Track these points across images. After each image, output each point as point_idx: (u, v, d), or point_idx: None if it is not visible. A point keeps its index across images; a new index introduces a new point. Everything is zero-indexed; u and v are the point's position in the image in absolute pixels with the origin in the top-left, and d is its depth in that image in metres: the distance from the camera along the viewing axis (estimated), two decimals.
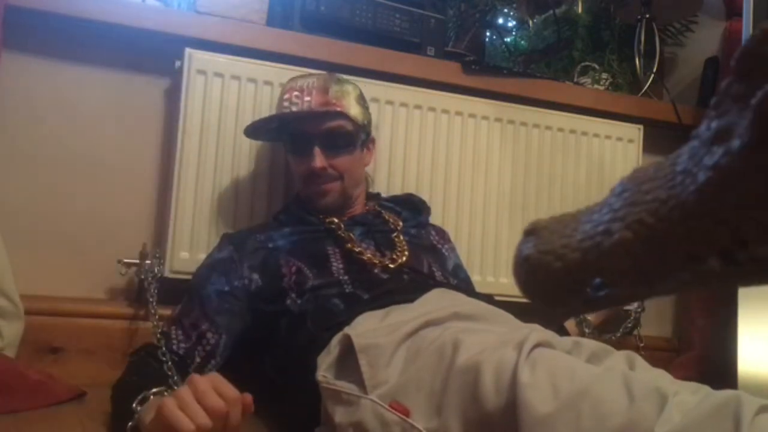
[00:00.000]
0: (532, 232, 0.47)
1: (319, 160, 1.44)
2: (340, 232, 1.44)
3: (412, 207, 1.64)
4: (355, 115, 1.50)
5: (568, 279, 0.43)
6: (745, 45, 0.37)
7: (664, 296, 0.38)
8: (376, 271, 1.40)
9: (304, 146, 1.46)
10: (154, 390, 1.08)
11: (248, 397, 0.95)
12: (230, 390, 0.94)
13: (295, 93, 1.47)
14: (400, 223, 1.55)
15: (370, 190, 1.69)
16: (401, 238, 1.50)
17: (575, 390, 0.85)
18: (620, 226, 0.40)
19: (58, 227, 1.63)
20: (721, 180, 0.36)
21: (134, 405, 1.06)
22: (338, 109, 1.46)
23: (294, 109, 1.46)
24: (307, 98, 1.46)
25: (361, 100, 1.55)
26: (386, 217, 1.55)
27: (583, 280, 0.42)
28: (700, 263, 0.38)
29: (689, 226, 0.37)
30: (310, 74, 1.54)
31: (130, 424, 1.04)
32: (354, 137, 1.51)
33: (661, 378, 0.96)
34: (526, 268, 0.45)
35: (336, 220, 1.46)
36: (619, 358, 1.03)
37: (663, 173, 0.40)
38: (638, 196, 0.41)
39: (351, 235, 1.45)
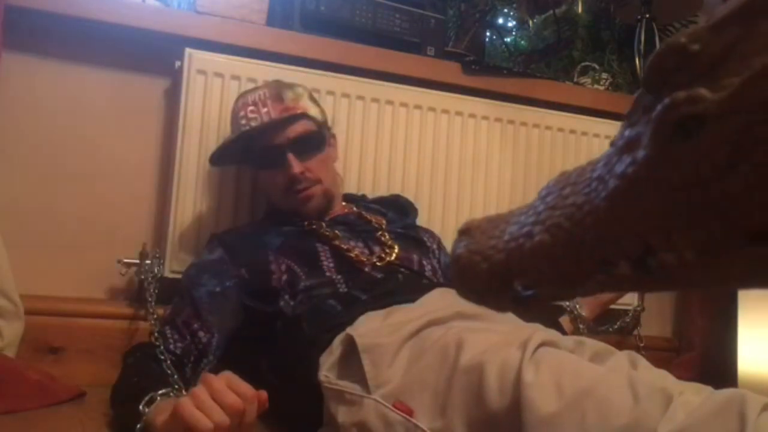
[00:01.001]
0: (465, 231, 0.49)
1: (296, 165, 1.42)
2: (323, 231, 1.44)
3: (399, 208, 1.64)
4: (315, 114, 1.49)
5: (494, 279, 0.44)
6: (651, 59, 0.38)
7: (587, 296, 0.40)
8: (367, 269, 1.40)
9: (276, 158, 1.44)
10: (162, 391, 1.08)
11: (263, 394, 0.96)
12: (245, 387, 0.96)
13: (250, 108, 1.45)
14: (384, 222, 1.54)
15: (344, 190, 1.68)
16: (387, 236, 1.50)
17: (580, 390, 0.85)
18: (540, 229, 0.42)
19: (58, 227, 1.63)
20: (627, 188, 0.37)
21: (141, 407, 1.05)
22: (299, 111, 1.45)
23: (254, 124, 1.44)
24: (264, 110, 1.44)
25: (313, 98, 1.54)
26: (368, 217, 1.55)
27: (507, 280, 0.44)
28: (613, 267, 0.39)
29: (600, 231, 0.39)
30: (257, 87, 1.52)
31: (138, 425, 1.04)
32: (320, 136, 1.49)
33: (665, 378, 0.96)
34: (457, 268, 0.47)
35: (315, 221, 1.46)
36: (621, 358, 1.03)
37: (582, 178, 0.42)
38: (559, 200, 0.42)
39: (336, 232, 1.45)
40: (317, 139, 1.48)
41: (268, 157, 1.46)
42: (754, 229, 0.33)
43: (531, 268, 0.42)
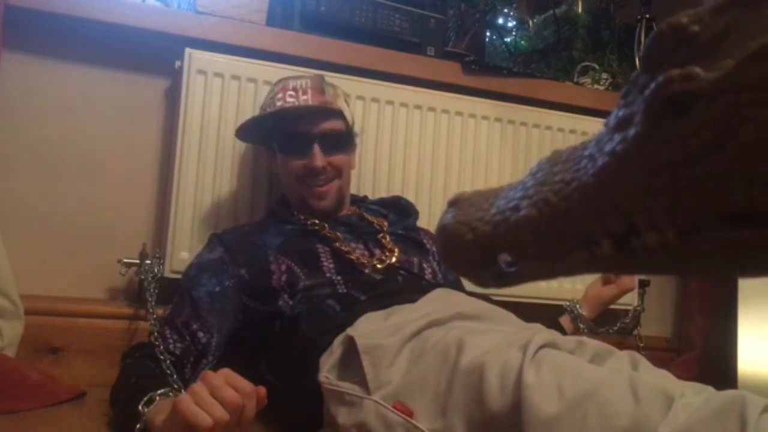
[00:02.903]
0: (454, 203, 0.49)
1: (319, 159, 1.44)
2: (325, 232, 1.44)
3: (400, 210, 1.64)
4: (347, 116, 1.52)
5: (478, 251, 0.45)
6: (651, 38, 0.38)
7: (568, 276, 0.41)
8: (367, 271, 1.40)
9: (302, 145, 1.45)
10: (161, 391, 1.08)
11: (262, 390, 0.96)
12: (244, 383, 0.96)
13: (290, 92, 1.46)
14: (385, 224, 1.55)
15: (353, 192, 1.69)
16: (388, 238, 1.50)
17: (581, 391, 0.85)
18: (528, 203, 0.42)
19: (58, 227, 1.63)
20: (615, 165, 0.38)
21: (140, 407, 1.05)
22: (336, 108, 1.47)
23: (290, 105, 1.45)
24: (304, 97, 1.46)
25: (347, 102, 1.57)
26: (370, 219, 1.55)
27: (492, 253, 0.44)
28: (596, 246, 0.40)
29: (586, 207, 0.39)
30: (300, 75, 1.53)
31: (138, 426, 1.04)
32: (349, 138, 1.52)
33: (666, 379, 0.96)
34: (442, 237, 0.47)
35: (318, 222, 1.46)
36: (622, 359, 1.03)
37: (573, 156, 0.42)
38: (548, 176, 0.43)
39: (338, 234, 1.45)
40: (345, 140, 1.51)
41: (295, 142, 1.47)
42: (736, 211, 0.34)
43: (515, 241, 0.43)
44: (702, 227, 0.35)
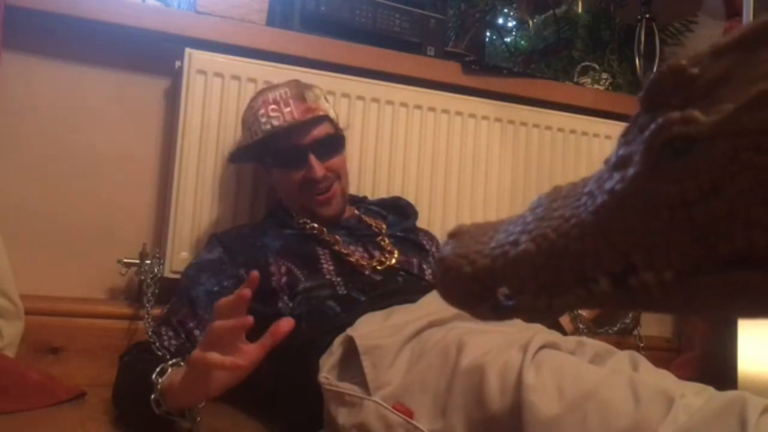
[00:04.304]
0: (454, 235, 0.49)
1: (318, 168, 1.43)
2: (324, 236, 1.44)
3: (399, 211, 1.64)
4: (332, 116, 1.51)
5: (476, 284, 0.45)
6: (651, 79, 0.39)
7: (566, 311, 0.41)
8: (366, 272, 1.40)
9: (297, 158, 1.44)
10: (172, 361, 1.10)
11: (249, 318, 1.02)
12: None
13: (271, 107, 1.45)
14: (384, 227, 1.55)
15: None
16: (386, 240, 1.50)
17: (581, 392, 0.85)
18: (527, 238, 0.42)
19: (58, 227, 1.63)
20: (614, 204, 0.38)
21: (154, 377, 1.07)
22: (321, 113, 1.46)
23: (276, 123, 1.43)
24: (287, 109, 1.44)
25: (327, 99, 1.55)
26: (368, 221, 1.55)
27: (489, 286, 0.44)
28: (594, 283, 0.40)
29: (584, 244, 0.39)
30: (276, 86, 1.51)
31: (153, 396, 1.05)
32: (339, 138, 1.51)
33: (666, 379, 0.96)
34: (441, 269, 0.47)
35: (316, 225, 1.46)
36: (622, 359, 1.03)
37: (573, 193, 0.43)
38: (548, 212, 0.43)
39: (337, 237, 1.45)
40: (337, 142, 1.50)
41: (290, 156, 1.46)
42: (733, 254, 0.34)
43: (513, 275, 0.43)
44: (700, 269, 0.35)
